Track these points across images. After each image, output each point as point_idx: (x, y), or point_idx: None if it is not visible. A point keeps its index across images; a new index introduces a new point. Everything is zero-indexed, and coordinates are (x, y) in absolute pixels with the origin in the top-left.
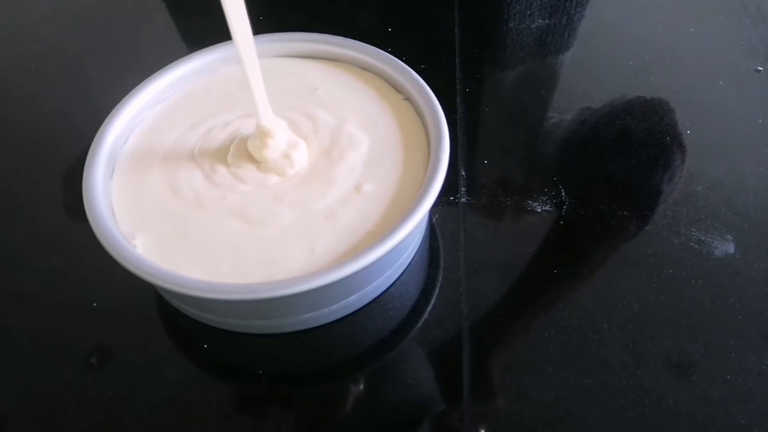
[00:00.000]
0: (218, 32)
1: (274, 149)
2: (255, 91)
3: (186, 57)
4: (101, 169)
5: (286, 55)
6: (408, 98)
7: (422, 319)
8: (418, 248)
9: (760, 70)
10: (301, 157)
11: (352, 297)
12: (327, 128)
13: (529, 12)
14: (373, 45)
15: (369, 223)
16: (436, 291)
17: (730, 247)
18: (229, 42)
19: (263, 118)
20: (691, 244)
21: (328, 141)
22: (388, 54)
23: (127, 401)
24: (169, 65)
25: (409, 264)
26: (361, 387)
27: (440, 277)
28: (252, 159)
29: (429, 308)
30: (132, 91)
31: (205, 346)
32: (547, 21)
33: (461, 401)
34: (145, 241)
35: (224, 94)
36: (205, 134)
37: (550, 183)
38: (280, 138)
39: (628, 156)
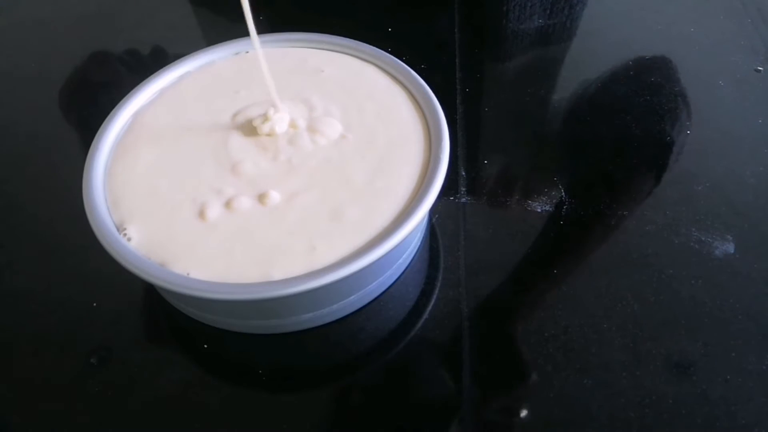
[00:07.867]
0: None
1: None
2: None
3: (186, 56)
4: (101, 169)
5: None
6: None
7: (422, 319)
8: (418, 248)
9: (760, 70)
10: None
11: (352, 297)
12: (353, 119)
13: (528, 12)
14: (373, 45)
15: (376, 221)
16: (436, 291)
17: (730, 247)
18: (227, 42)
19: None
20: (691, 244)
21: (357, 132)
22: (388, 54)
23: (127, 401)
24: (168, 65)
25: (409, 264)
26: (362, 387)
27: (440, 277)
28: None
29: (429, 308)
30: (132, 91)
31: (205, 346)
32: (546, 21)
33: (461, 401)
34: (139, 235)
35: (218, 81)
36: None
37: (550, 183)
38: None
39: (628, 156)
